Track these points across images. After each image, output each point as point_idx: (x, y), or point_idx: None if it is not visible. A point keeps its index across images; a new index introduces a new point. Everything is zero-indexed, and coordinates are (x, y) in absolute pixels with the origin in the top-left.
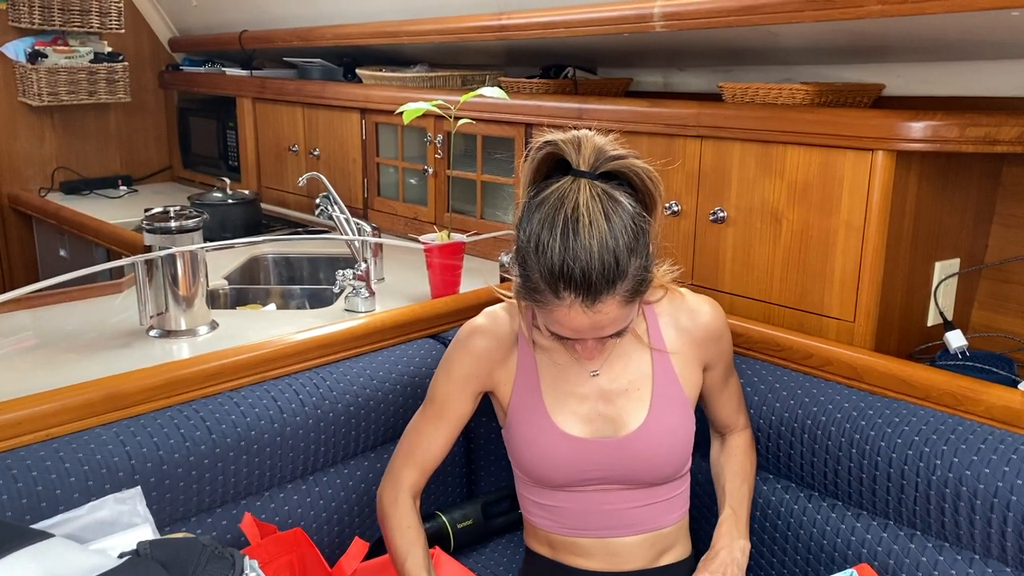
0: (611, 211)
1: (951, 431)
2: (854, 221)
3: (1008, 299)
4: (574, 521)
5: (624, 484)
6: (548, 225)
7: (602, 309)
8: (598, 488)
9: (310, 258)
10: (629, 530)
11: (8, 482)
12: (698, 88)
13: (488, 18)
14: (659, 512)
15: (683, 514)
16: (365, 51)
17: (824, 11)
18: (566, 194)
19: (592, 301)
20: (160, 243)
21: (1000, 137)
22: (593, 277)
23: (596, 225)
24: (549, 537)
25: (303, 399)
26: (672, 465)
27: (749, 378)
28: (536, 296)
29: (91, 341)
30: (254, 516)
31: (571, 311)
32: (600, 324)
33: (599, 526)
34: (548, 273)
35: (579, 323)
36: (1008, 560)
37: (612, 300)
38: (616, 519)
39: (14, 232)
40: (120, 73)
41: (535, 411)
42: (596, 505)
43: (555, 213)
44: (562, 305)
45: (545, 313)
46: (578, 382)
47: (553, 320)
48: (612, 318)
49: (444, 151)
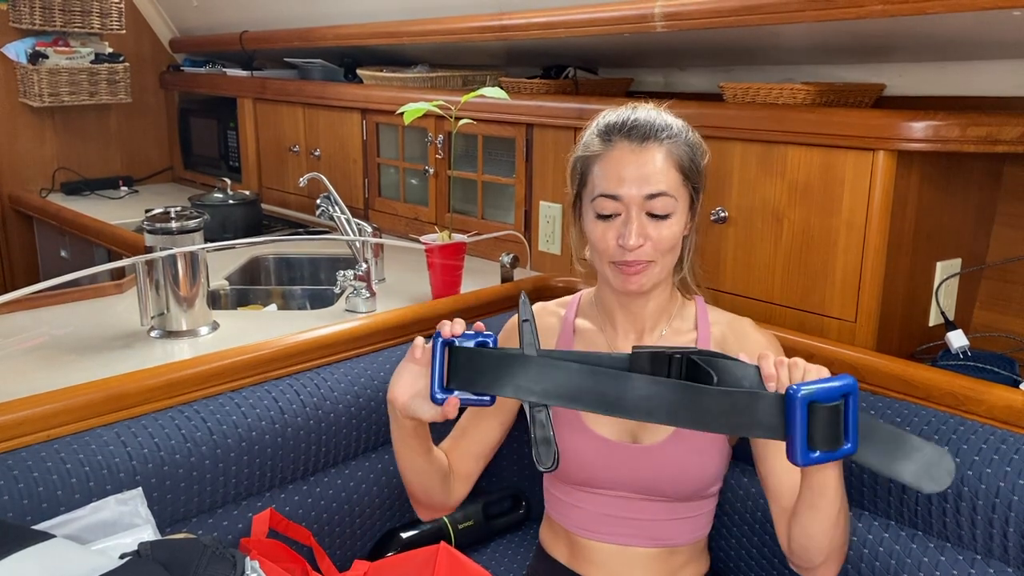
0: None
1: (952, 431)
2: (855, 221)
3: (1010, 299)
4: (593, 523)
5: (646, 494)
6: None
7: (649, 149)
8: (620, 494)
9: (311, 258)
10: (646, 541)
11: (9, 483)
12: (699, 88)
13: (489, 18)
14: (678, 529)
15: (703, 535)
16: (366, 51)
17: (825, 11)
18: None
19: (641, 140)
20: (161, 244)
21: (1001, 137)
22: (645, 124)
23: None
24: (568, 535)
25: (304, 400)
26: (695, 485)
27: None
28: (586, 158)
29: (92, 342)
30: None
31: (620, 154)
32: (645, 168)
33: (617, 532)
34: (604, 126)
35: (626, 167)
36: (1010, 560)
37: (660, 148)
38: (633, 528)
39: (15, 233)
40: (121, 74)
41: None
42: (616, 511)
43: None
44: (611, 150)
45: (595, 171)
46: None
47: (601, 174)
48: (658, 167)
49: (445, 151)
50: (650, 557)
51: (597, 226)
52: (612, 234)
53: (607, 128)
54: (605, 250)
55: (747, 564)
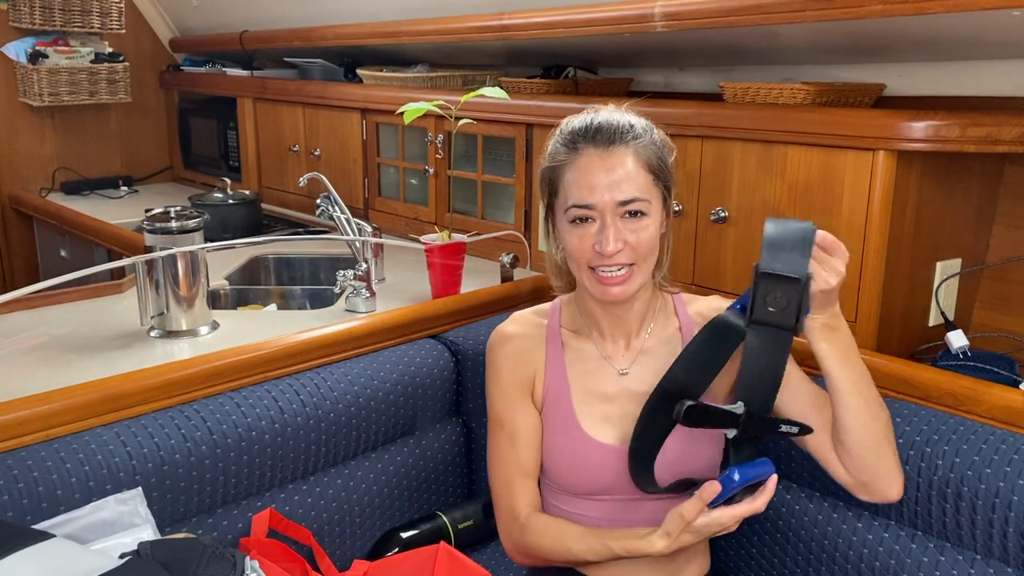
0: (637, 117)
1: (952, 431)
2: (855, 221)
3: (1009, 299)
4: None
5: (643, 496)
6: (574, 116)
7: (616, 154)
8: (620, 498)
9: (311, 258)
10: None
11: (9, 482)
12: (699, 88)
13: (489, 18)
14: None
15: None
16: (366, 51)
17: (825, 11)
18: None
19: (607, 145)
20: (161, 243)
21: (1001, 137)
22: (608, 127)
23: (617, 112)
24: None
25: (304, 399)
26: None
27: None
28: (554, 167)
29: (92, 341)
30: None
31: (588, 161)
32: (614, 174)
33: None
34: (568, 133)
35: (595, 174)
36: (1009, 560)
37: (627, 151)
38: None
39: (15, 232)
40: (121, 73)
41: (565, 416)
42: (617, 515)
43: (583, 113)
44: (579, 157)
45: (565, 181)
46: (606, 383)
47: (572, 183)
48: (627, 171)
49: (445, 151)
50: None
51: (573, 234)
52: (589, 241)
53: (572, 135)
54: (583, 257)
55: (747, 564)
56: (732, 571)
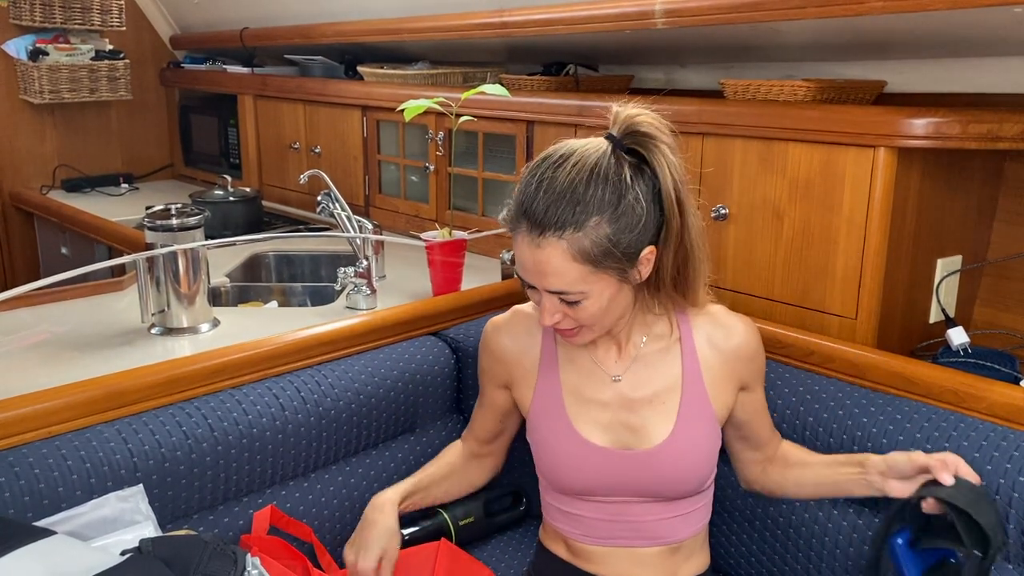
0: (607, 171)
1: (953, 428)
2: (856, 218)
3: (1010, 296)
4: (593, 530)
5: (646, 497)
6: (544, 156)
7: (545, 248)
8: (618, 500)
9: (311, 255)
10: (648, 541)
11: (10, 479)
12: (700, 85)
13: (489, 15)
14: (680, 525)
15: (703, 526)
16: (366, 48)
17: (826, 8)
18: (578, 143)
19: (538, 234)
20: (162, 241)
21: (1002, 134)
22: (545, 211)
23: (579, 169)
24: (567, 541)
25: (305, 396)
26: (696, 481)
27: None
28: (508, 227)
29: (93, 339)
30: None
31: (522, 242)
32: (542, 268)
33: (618, 536)
34: (519, 196)
35: (526, 258)
36: (1010, 557)
37: (556, 244)
38: (636, 530)
39: (15, 230)
40: (121, 71)
41: (557, 417)
42: (616, 516)
43: (557, 148)
44: (517, 233)
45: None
46: (599, 388)
47: (516, 252)
48: (554, 268)
49: (445, 148)
50: (652, 556)
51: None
52: (537, 300)
53: (520, 201)
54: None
55: (747, 560)
56: (732, 567)
